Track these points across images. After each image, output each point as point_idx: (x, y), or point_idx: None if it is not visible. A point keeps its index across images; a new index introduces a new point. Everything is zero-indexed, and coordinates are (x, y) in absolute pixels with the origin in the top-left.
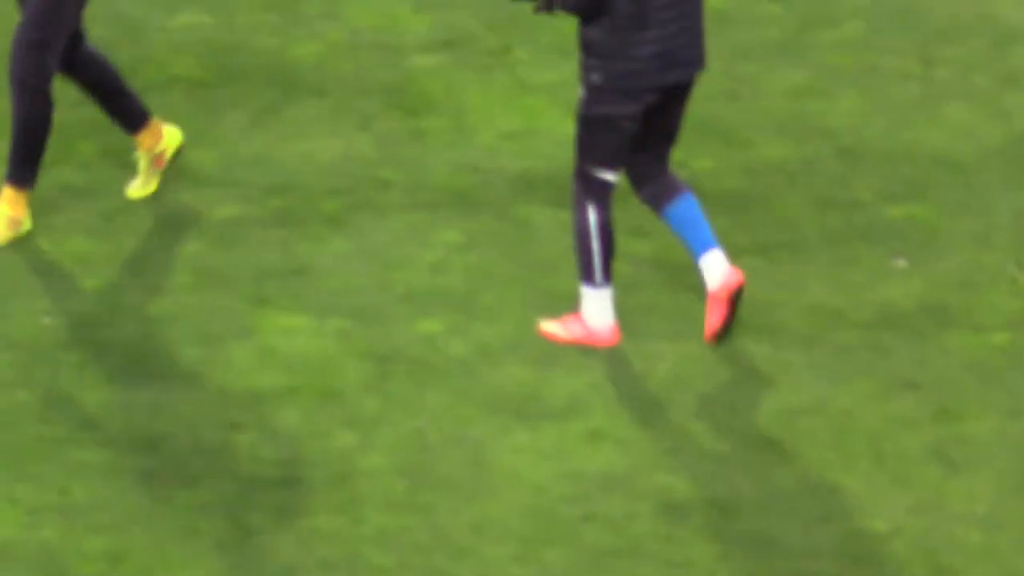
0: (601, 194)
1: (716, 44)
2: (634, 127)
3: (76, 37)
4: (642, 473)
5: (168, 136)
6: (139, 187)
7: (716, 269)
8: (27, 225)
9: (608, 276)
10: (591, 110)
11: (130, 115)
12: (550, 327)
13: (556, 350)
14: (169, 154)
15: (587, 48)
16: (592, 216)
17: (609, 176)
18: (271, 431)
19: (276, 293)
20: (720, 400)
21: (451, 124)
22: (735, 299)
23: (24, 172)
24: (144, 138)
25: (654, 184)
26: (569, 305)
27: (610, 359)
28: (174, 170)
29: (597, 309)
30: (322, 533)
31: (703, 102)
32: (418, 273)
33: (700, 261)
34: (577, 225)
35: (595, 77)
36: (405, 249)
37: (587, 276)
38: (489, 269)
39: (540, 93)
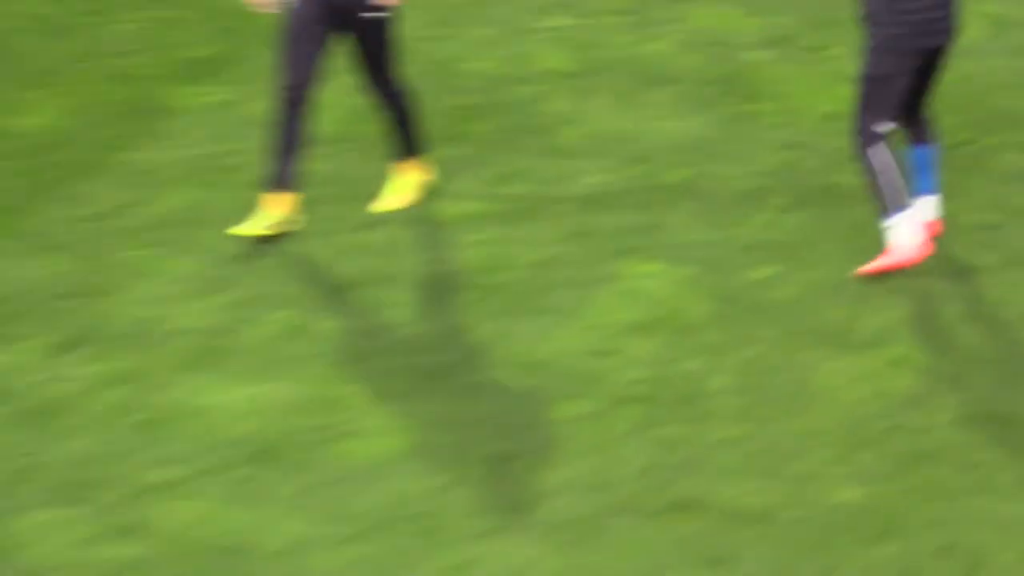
0: (880, 140)
1: (999, 43)
2: (904, 83)
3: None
4: (939, 392)
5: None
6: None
7: (925, 212)
8: (429, 180)
9: (906, 199)
10: (871, 71)
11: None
12: (867, 267)
13: (869, 292)
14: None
15: (868, 19)
16: (878, 158)
17: (886, 127)
18: (632, 358)
19: (636, 245)
20: (1004, 333)
21: (778, 108)
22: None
23: (416, 148)
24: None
25: (914, 125)
26: (877, 255)
27: (911, 298)
28: (548, 145)
29: (904, 230)
30: (676, 440)
31: (993, 91)
32: (753, 229)
33: (917, 199)
34: (867, 170)
35: (874, 42)
36: (742, 210)
37: (889, 209)
38: (812, 226)
39: (852, 83)
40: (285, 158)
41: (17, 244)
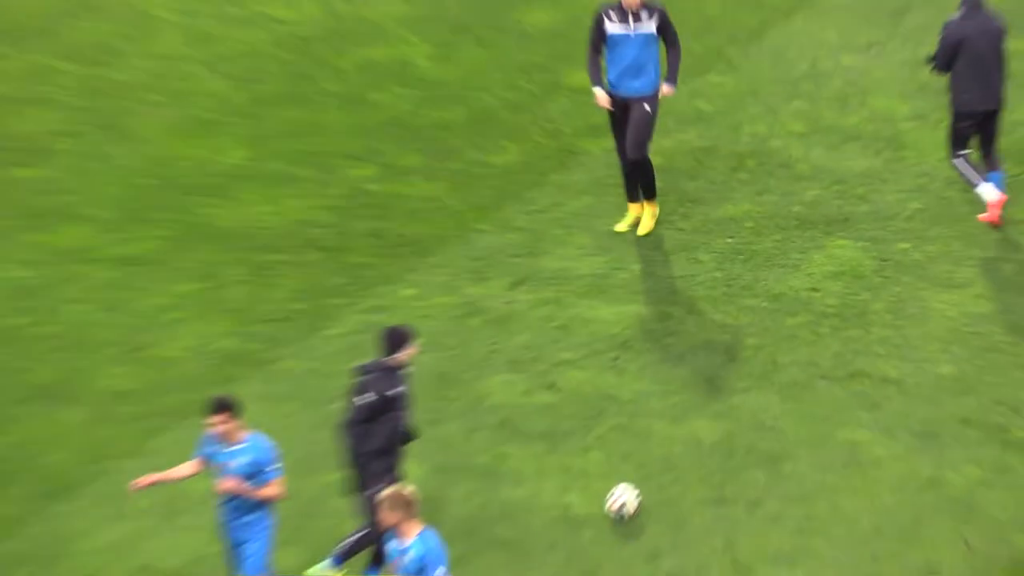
0: (959, 157)
1: None
2: (968, 131)
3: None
4: (999, 312)
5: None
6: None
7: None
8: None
9: (980, 180)
10: (952, 123)
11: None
12: (981, 216)
13: (962, 256)
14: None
15: (949, 94)
16: (958, 164)
17: (962, 151)
18: (830, 292)
19: (835, 230)
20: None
21: (916, 154)
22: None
23: (652, 194)
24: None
25: (987, 157)
26: None
27: (984, 262)
28: (790, 174)
29: (984, 197)
30: (853, 338)
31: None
32: (899, 221)
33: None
34: (957, 171)
35: (952, 108)
36: (893, 210)
37: (973, 185)
38: (933, 220)
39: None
40: (631, 187)
41: (491, 226)
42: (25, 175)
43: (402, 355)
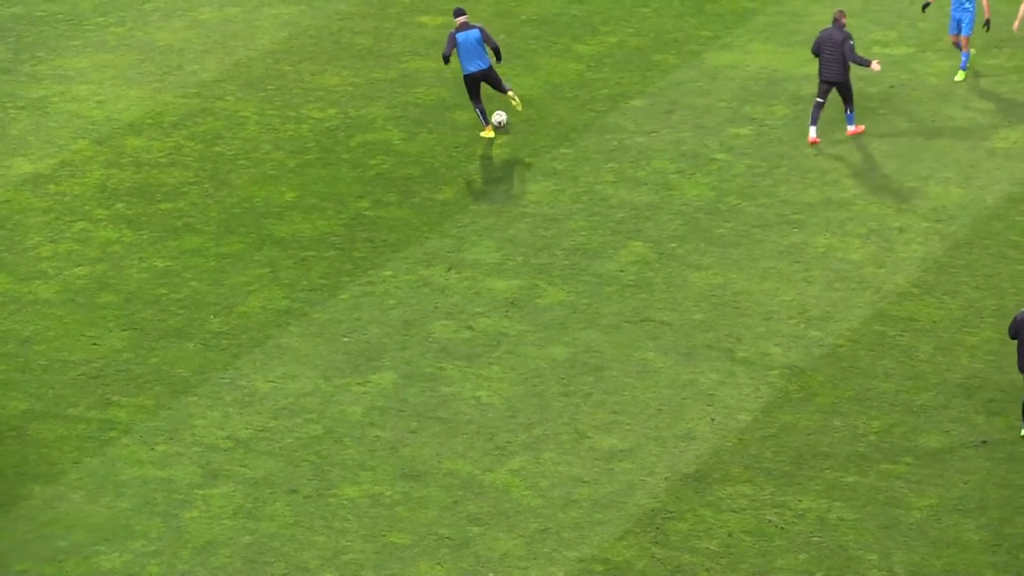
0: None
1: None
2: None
3: None
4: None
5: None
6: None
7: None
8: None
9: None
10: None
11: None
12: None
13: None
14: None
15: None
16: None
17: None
18: (629, 271)
19: (631, 236)
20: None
21: None
22: None
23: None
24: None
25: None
26: None
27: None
28: (606, 205)
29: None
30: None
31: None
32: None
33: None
34: None
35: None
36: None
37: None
38: None
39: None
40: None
41: (435, 234)
42: (168, 207)
43: None
